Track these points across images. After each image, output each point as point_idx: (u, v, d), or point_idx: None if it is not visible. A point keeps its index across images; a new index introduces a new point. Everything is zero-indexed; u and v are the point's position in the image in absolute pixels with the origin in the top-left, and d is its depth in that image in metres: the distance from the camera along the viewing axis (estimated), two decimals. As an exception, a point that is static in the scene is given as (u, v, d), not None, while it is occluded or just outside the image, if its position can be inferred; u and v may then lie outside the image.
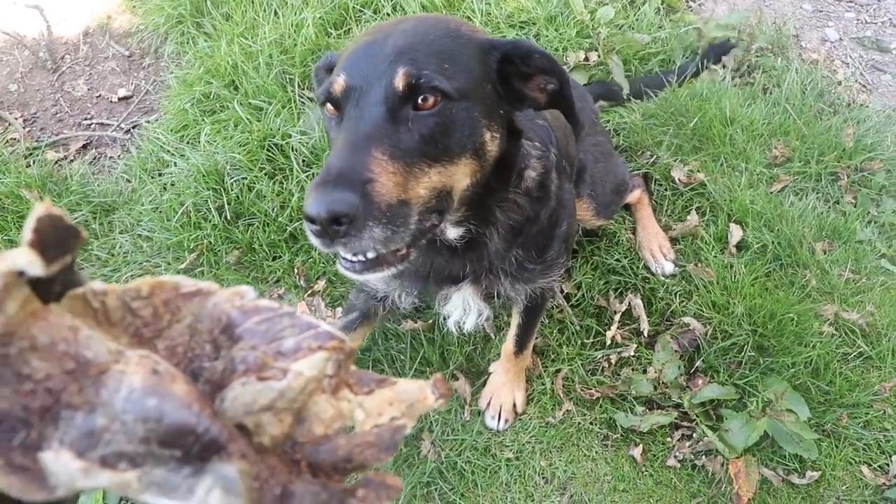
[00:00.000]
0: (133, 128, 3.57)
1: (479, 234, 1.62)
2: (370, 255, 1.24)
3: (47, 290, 0.48)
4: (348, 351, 0.54)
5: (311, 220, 1.14)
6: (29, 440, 0.44)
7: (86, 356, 0.46)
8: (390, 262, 1.28)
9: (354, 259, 1.25)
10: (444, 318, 2.08)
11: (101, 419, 0.45)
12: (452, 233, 1.59)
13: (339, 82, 1.31)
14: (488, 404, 2.58)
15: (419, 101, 1.27)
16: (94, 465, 0.44)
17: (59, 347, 0.46)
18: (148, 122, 3.51)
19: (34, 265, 0.44)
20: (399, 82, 1.26)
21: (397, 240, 1.21)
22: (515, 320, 2.36)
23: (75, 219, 3.08)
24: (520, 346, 2.43)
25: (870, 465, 2.52)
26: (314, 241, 1.19)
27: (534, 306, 2.23)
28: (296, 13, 3.40)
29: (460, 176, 1.35)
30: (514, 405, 2.57)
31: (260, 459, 0.49)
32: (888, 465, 2.52)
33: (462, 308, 1.97)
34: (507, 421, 2.57)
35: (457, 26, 1.44)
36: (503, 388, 2.56)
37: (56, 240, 0.47)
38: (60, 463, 0.44)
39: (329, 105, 1.36)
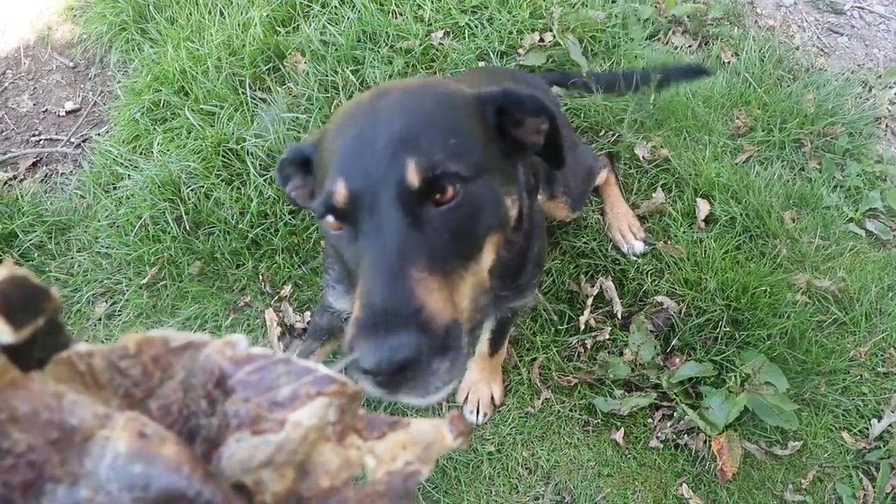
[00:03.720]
0: (83, 141, 3.46)
1: None
2: (431, 396, 1.06)
3: (27, 357, 0.45)
4: (351, 394, 0.51)
5: (373, 373, 0.99)
6: None
7: (71, 423, 0.44)
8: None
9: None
10: None
11: (85, 491, 0.42)
12: None
13: (340, 192, 1.14)
14: (466, 399, 2.54)
15: (439, 194, 1.13)
16: None
17: (43, 416, 0.43)
18: (98, 134, 3.40)
19: (3, 333, 0.42)
20: (412, 178, 1.11)
21: (459, 367, 1.07)
22: (487, 332, 2.31)
23: (30, 240, 2.98)
24: (494, 348, 2.39)
25: (850, 430, 2.53)
26: (371, 389, 1.02)
27: (505, 321, 2.18)
28: (242, 12, 3.30)
29: (488, 257, 1.23)
30: (492, 398, 2.54)
31: None
32: (867, 428, 2.53)
33: None
34: (486, 415, 2.53)
35: (445, 89, 1.33)
36: (480, 383, 2.53)
37: (22, 303, 0.44)
38: None
39: (330, 218, 1.19)
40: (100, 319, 2.78)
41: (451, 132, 1.19)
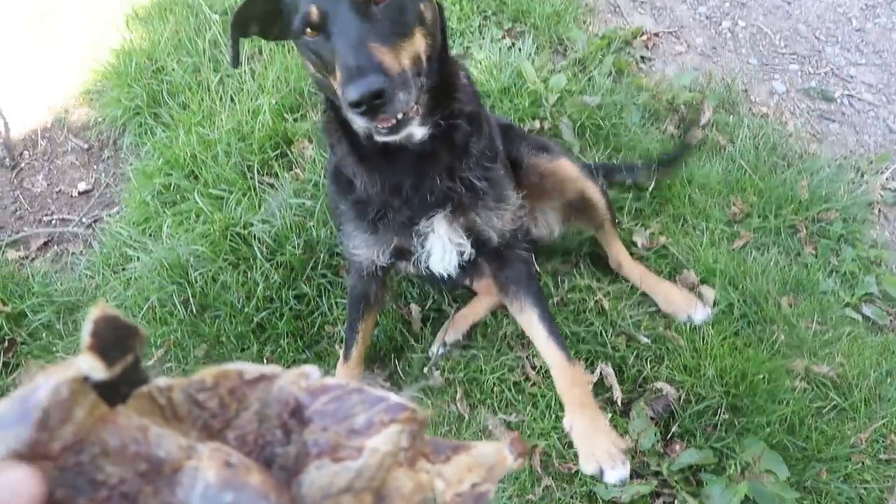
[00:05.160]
0: (94, 222, 3.55)
1: (443, 126, 1.90)
2: (399, 116, 1.62)
3: (113, 392, 0.48)
4: (421, 420, 0.54)
5: (358, 104, 1.52)
6: None
7: (158, 455, 0.46)
8: (411, 119, 1.68)
9: (388, 126, 1.63)
10: (427, 265, 2.16)
11: None
12: (419, 132, 1.87)
13: (314, 12, 1.64)
14: (593, 457, 2.23)
15: None
16: None
17: (131, 449, 0.46)
18: (109, 215, 3.49)
19: (97, 370, 0.45)
20: None
21: (412, 98, 1.63)
22: (532, 316, 2.32)
23: (39, 320, 3.03)
24: (559, 344, 2.30)
25: (853, 519, 2.51)
26: (361, 121, 1.62)
27: (525, 277, 2.34)
28: (252, 99, 3.42)
29: (420, 43, 1.72)
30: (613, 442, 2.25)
31: None
32: (871, 517, 2.51)
33: (441, 247, 2.10)
34: (624, 463, 2.22)
35: None
36: (589, 429, 2.26)
37: (115, 341, 0.47)
38: None
39: (308, 30, 1.67)
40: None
41: None
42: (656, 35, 4.09)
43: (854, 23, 4.16)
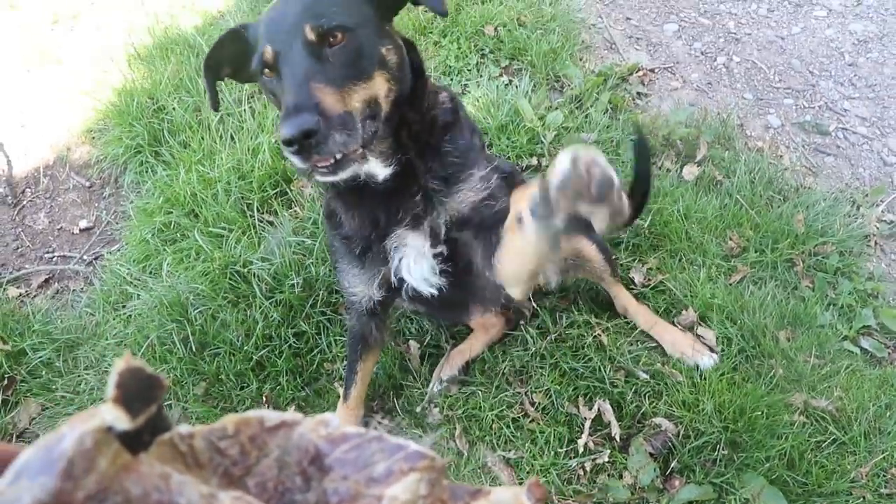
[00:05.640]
0: (95, 259, 3.57)
1: (406, 161, 1.85)
2: (338, 156, 1.55)
3: (136, 439, 0.49)
4: (439, 468, 0.54)
5: (289, 143, 1.47)
6: None
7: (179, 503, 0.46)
8: (353, 160, 1.61)
9: (328, 165, 1.56)
10: (402, 280, 2.09)
11: None
12: (382, 173, 1.84)
13: (268, 51, 1.66)
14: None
15: (331, 39, 1.63)
16: None
17: (153, 498, 0.46)
18: (110, 253, 3.51)
19: (120, 420, 0.46)
20: (310, 35, 1.61)
21: (353, 140, 1.57)
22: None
23: (38, 357, 3.04)
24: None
25: (855, 555, 2.49)
26: (295, 160, 1.53)
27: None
28: (252, 138, 3.46)
29: (381, 86, 1.70)
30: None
31: None
32: (873, 554, 2.49)
33: (415, 254, 2.03)
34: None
35: None
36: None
37: (139, 392, 0.48)
38: None
39: (266, 70, 1.69)
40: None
41: (338, 1, 1.70)
42: (652, 71, 4.15)
43: (847, 57, 4.21)
